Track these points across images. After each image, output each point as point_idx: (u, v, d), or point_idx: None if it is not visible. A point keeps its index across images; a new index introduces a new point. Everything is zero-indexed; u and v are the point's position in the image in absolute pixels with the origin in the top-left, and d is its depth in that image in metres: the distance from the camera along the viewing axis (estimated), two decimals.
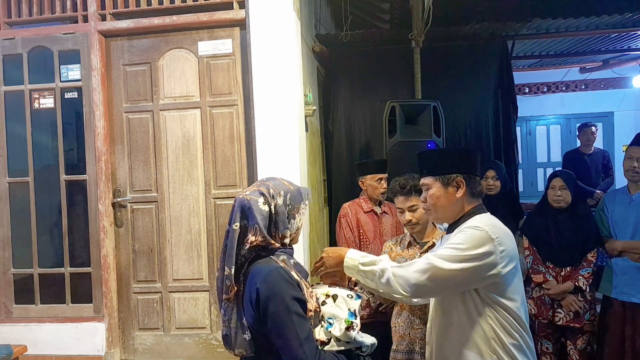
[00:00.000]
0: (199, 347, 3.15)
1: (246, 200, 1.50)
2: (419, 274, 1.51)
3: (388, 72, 4.35)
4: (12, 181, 3.30)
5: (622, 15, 4.05)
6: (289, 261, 1.55)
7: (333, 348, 1.55)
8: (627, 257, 2.77)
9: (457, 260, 1.48)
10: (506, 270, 1.50)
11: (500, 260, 1.49)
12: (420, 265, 1.53)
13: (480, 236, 1.50)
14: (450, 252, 1.50)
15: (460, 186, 1.64)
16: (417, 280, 1.51)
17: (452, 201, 1.65)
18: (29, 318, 3.23)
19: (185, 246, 3.17)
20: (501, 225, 1.59)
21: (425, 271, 1.50)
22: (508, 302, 1.52)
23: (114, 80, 3.24)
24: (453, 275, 1.48)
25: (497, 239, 1.50)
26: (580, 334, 2.81)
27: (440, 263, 1.49)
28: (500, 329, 1.51)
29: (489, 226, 1.54)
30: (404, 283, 1.53)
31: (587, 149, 4.95)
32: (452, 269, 1.48)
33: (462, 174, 1.65)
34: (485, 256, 1.48)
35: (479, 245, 1.48)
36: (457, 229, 1.61)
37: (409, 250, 2.29)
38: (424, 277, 1.50)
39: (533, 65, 6.54)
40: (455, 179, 1.64)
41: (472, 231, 1.52)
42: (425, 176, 1.71)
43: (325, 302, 1.64)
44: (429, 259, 1.53)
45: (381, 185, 3.08)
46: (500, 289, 1.51)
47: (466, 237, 1.51)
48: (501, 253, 1.49)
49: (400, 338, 2.27)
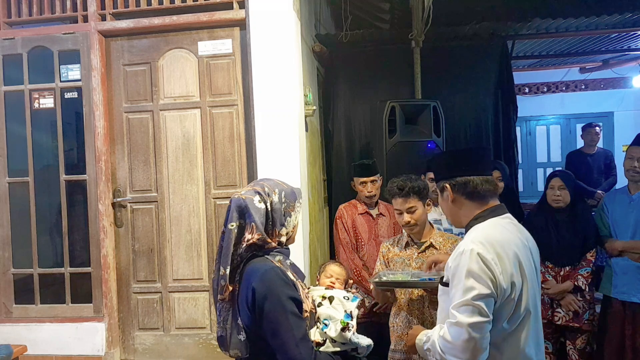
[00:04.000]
0: (199, 347, 3.15)
1: (242, 200, 1.50)
2: (458, 339, 1.44)
3: (388, 72, 4.35)
4: (12, 181, 3.30)
5: (622, 15, 4.05)
6: (285, 262, 1.55)
7: (328, 349, 1.55)
8: (627, 257, 2.77)
9: (475, 303, 1.41)
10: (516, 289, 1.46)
11: (507, 289, 1.43)
12: (453, 329, 1.45)
13: (474, 264, 1.43)
14: (464, 299, 1.43)
15: (444, 190, 1.62)
16: (463, 347, 1.43)
17: (450, 207, 1.63)
18: (29, 318, 3.23)
19: (185, 246, 3.17)
20: (496, 237, 1.49)
21: (463, 333, 1.42)
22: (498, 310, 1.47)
23: (113, 80, 3.24)
24: (484, 319, 1.42)
25: (488, 258, 1.43)
26: (580, 333, 2.81)
27: (467, 318, 1.41)
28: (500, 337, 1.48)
29: (480, 244, 1.45)
30: (453, 354, 1.46)
31: (590, 149, 4.94)
32: (480, 319, 1.41)
33: (447, 179, 1.62)
34: (498, 288, 1.42)
35: (479, 275, 1.42)
36: (453, 253, 1.54)
37: (407, 250, 2.28)
38: (464, 338, 1.42)
39: (533, 65, 6.54)
40: (442, 185, 1.63)
41: (467, 259, 1.44)
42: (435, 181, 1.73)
43: (322, 304, 1.64)
44: (454, 317, 1.45)
45: (365, 188, 3.06)
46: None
47: (465, 269, 1.44)
48: (501, 274, 1.43)
49: (398, 338, 2.26)
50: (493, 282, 1.42)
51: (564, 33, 4.51)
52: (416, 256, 2.24)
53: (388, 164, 3.59)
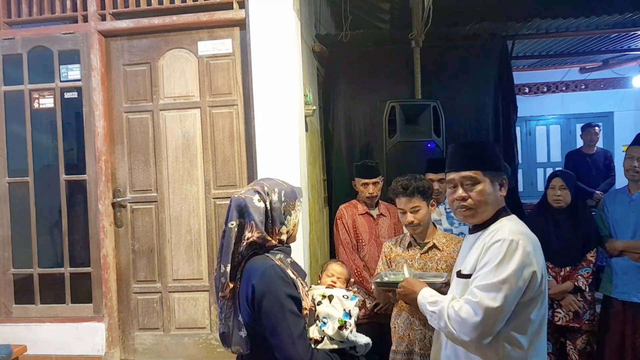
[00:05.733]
0: (199, 347, 3.15)
1: (242, 199, 1.52)
2: (472, 317, 1.45)
3: (388, 72, 4.35)
4: (12, 181, 3.30)
5: (622, 15, 4.05)
6: (285, 260, 1.57)
7: (326, 346, 1.57)
8: (627, 257, 2.77)
9: (502, 290, 1.42)
10: (543, 279, 1.49)
11: (539, 276, 1.46)
12: (470, 309, 1.46)
13: (516, 254, 1.44)
14: (493, 281, 1.43)
15: (503, 185, 1.61)
16: (474, 326, 1.45)
17: (497, 200, 1.60)
18: (29, 318, 3.23)
19: (185, 246, 3.17)
20: (527, 231, 1.54)
21: (478, 314, 1.44)
22: (522, 300, 1.48)
23: (113, 80, 3.24)
24: (504, 308, 1.43)
25: (529, 251, 1.45)
26: (580, 333, 2.81)
27: (489, 301, 1.42)
28: (515, 329, 1.49)
29: (520, 235, 1.48)
30: (460, 329, 1.48)
31: (590, 149, 4.94)
32: (501, 306, 1.42)
33: (496, 170, 1.60)
34: (526, 275, 1.44)
35: (518, 266, 1.43)
36: (486, 239, 1.53)
37: (409, 251, 2.28)
38: (477, 319, 1.44)
39: (533, 65, 6.54)
40: (502, 177, 1.60)
41: (506, 249, 1.45)
42: (471, 169, 1.58)
43: (321, 302, 1.66)
44: (475, 296, 1.46)
45: (367, 189, 3.06)
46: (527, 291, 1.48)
47: (503, 257, 1.44)
48: (537, 264, 1.46)
49: (400, 339, 2.25)
50: (529, 274, 1.44)
51: (564, 33, 4.51)
52: (419, 257, 2.24)
53: (388, 164, 3.60)
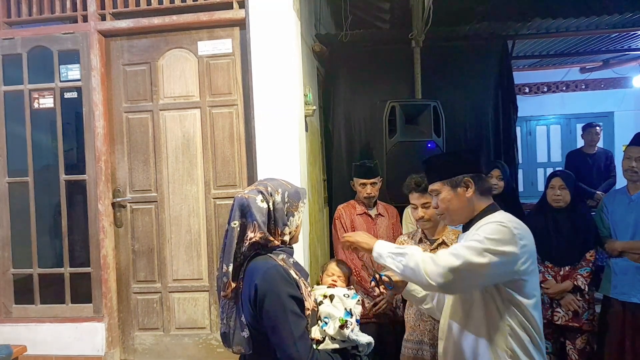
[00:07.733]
0: (199, 347, 3.15)
1: (244, 199, 1.52)
2: (449, 264, 1.49)
3: (388, 72, 4.35)
4: (12, 181, 3.30)
5: (622, 15, 4.05)
6: (288, 260, 1.57)
7: (328, 346, 1.57)
8: (627, 258, 2.78)
9: (485, 252, 1.47)
10: (526, 266, 1.52)
11: (521, 256, 1.51)
12: (450, 256, 1.51)
13: (504, 232, 1.50)
14: (478, 245, 1.49)
15: (469, 186, 1.66)
16: (448, 270, 1.48)
17: (463, 202, 1.67)
18: (29, 318, 3.23)
19: (185, 246, 3.17)
20: (520, 222, 1.59)
21: (456, 262, 1.48)
22: (525, 300, 1.53)
23: (113, 80, 3.24)
24: (481, 269, 1.47)
25: (519, 235, 1.51)
26: (580, 333, 2.82)
27: (470, 256, 1.47)
28: (518, 325, 1.53)
29: (511, 222, 1.55)
30: (433, 272, 1.51)
31: (591, 149, 4.94)
32: (481, 263, 1.46)
33: (469, 173, 1.66)
34: (510, 252, 1.49)
35: (504, 240, 1.49)
36: (477, 225, 1.61)
37: (420, 245, 2.35)
38: (454, 266, 1.47)
39: (533, 65, 6.54)
40: (463, 180, 1.66)
41: (495, 226, 1.53)
42: (433, 182, 1.74)
43: (323, 302, 1.66)
44: (458, 250, 1.51)
45: (365, 190, 3.07)
46: (519, 286, 1.53)
47: (491, 231, 1.51)
48: (522, 248, 1.51)
49: (411, 329, 2.38)
50: (515, 247, 1.49)
51: (564, 33, 4.51)
52: (428, 252, 2.29)
53: (388, 163, 3.60)
